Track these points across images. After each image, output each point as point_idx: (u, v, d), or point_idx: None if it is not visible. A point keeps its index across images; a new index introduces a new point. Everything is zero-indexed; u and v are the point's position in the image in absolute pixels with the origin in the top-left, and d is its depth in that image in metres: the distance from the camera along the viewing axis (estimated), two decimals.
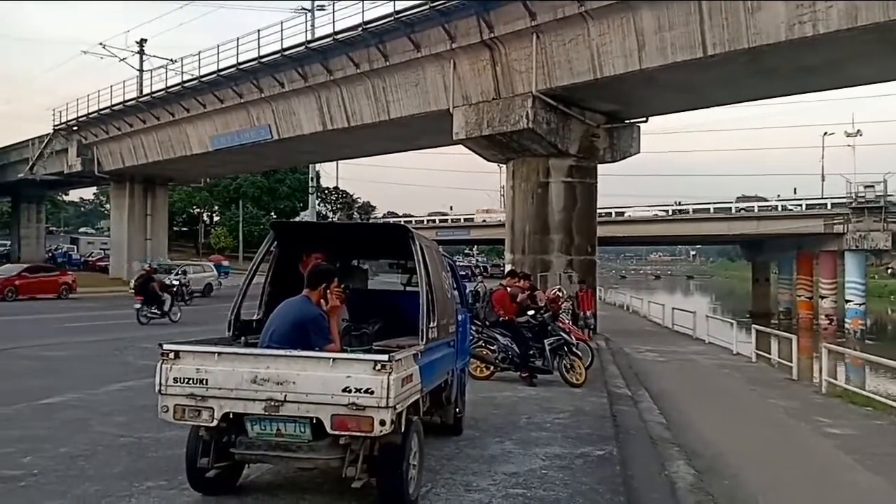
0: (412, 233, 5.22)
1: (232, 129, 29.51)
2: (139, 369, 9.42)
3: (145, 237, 39.41)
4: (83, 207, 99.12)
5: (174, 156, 33.30)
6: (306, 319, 4.47)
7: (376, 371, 3.96)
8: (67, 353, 11.77)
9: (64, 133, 38.67)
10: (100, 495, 4.57)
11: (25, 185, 47.95)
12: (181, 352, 4.20)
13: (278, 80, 25.84)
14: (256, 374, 4.07)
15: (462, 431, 6.66)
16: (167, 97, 31.26)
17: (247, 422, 4.18)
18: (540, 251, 19.55)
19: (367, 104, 23.32)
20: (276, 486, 4.90)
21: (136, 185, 38.93)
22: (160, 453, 5.57)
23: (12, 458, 5.34)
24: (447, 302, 5.69)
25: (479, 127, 19.47)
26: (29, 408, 7.28)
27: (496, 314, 10.40)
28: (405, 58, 21.09)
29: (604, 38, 16.69)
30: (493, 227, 59.22)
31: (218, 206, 77.76)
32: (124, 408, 7.33)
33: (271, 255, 5.69)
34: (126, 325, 16.91)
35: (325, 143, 28.70)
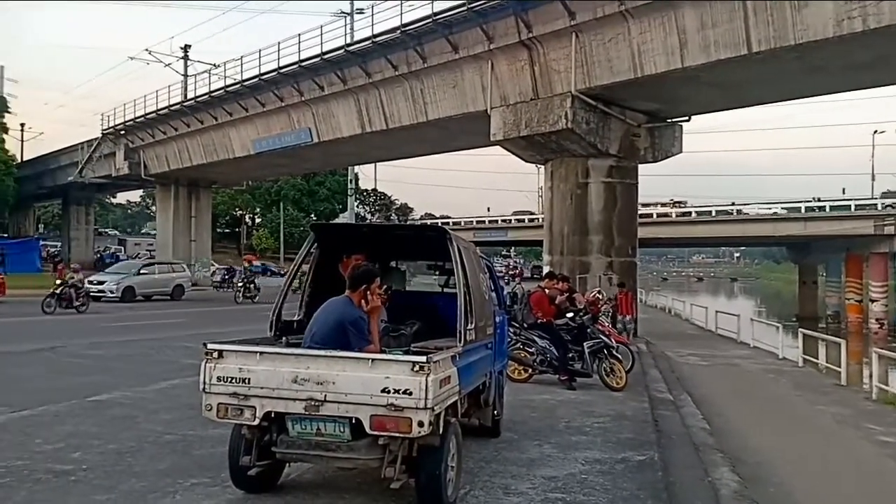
0: (450, 234, 5.22)
1: (273, 133, 29.98)
2: (183, 368, 9.63)
3: (190, 238, 40.29)
4: (130, 210, 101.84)
5: (217, 159, 33.99)
6: (347, 320, 4.51)
7: (414, 372, 3.97)
8: (114, 352, 12.11)
9: (112, 137, 39.80)
10: (145, 491, 4.68)
11: (75, 188, 49.55)
12: (224, 351, 4.28)
13: (318, 84, 26.16)
14: (297, 374, 4.12)
15: (500, 434, 6.63)
16: (211, 101, 31.93)
17: (288, 421, 4.24)
18: (579, 253, 19.37)
19: (405, 106, 23.43)
20: (316, 486, 4.95)
21: (180, 188, 39.84)
22: (204, 451, 5.68)
23: (63, 454, 5.51)
24: (485, 304, 5.68)
25: (516, 128, 19.38)
26: (79, 405, 7.50)
27: (534, 316, 10.33)
28: (443, 59, 21.12)
29: (644, 36, 16.45)
30: (530, 229, 58.89)
31: (259, 208, 79.13)
32: (170, 405, 7.50)
33: (312, 257, 5.75)
34: (170, 325, 17.33)
35: (363, 146, 28.93)
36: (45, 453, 5.51)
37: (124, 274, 27.27)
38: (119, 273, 27.61)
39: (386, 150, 31.42)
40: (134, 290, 26.25)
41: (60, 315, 19.03)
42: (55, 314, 19.15)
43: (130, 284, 26.27)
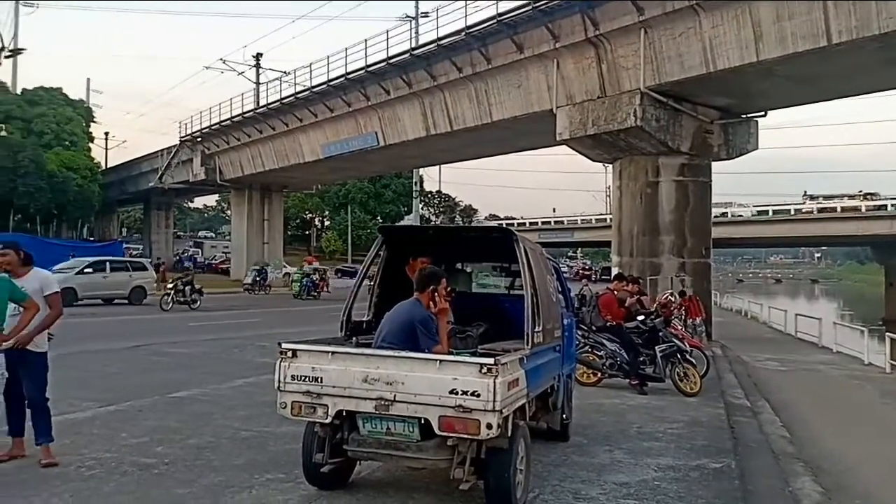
0: (516, 235, 5.19)
1: (341, 137, 30.62)
2: (258, 366, 9.94)
3: (263, 241, 41.61)
4: (206, 213, 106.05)
5: (288, 164, 34.99)
6: (416, 319, 4.56)
7: (482, 374, 3.97)
8: (194, 350, 12.62)
9: (189, 144, 41.56)
10: (223, 485, 4.86)
11: (155, 194, 52.00)
12: (298, 351, 4.40)
13: (384, 88, 26.54)
14: (367, 374, 4.19)
15: (569, 438, 6.54)
16: (281, 108, 32.89)
17: (359, 419, 4.31)
18: (649, 254, 18.92)
19: (469, 108, 23.48)
20: (385, 484, 5.02)
21: (254, 192, 41.20)
22: (278, 447, 5.84)
23: (147, 447, 5.79)
24: (552, 306, 5.62)
25: (583, 126, 19.12)
26: (161, 400, 7.86)
27: (603, 319, 10.15)
28: (508, 60, 21.05)
29: (717, 30, 15.93)
30: (598, 229, 57.93)
31: (328, 211, 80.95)
32: (245, 403, 7.76)
33: (380, 258, 5.84)
34: (245, 325, 17.92)
35: (428, 148, 29.18)
36: (130, 447, 5.79)
37: (66, 273, 21.67)
38: (62, 272, 21.21)
39: (450, 151, 31.59)
40: (76, 293, 21.48)
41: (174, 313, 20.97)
42: (172, 311, 21.56)
43: (71, 286, 20.68)
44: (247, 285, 34.96)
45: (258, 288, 34.43)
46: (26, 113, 46.71)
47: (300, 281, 31.92)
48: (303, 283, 31.76)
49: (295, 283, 32.49)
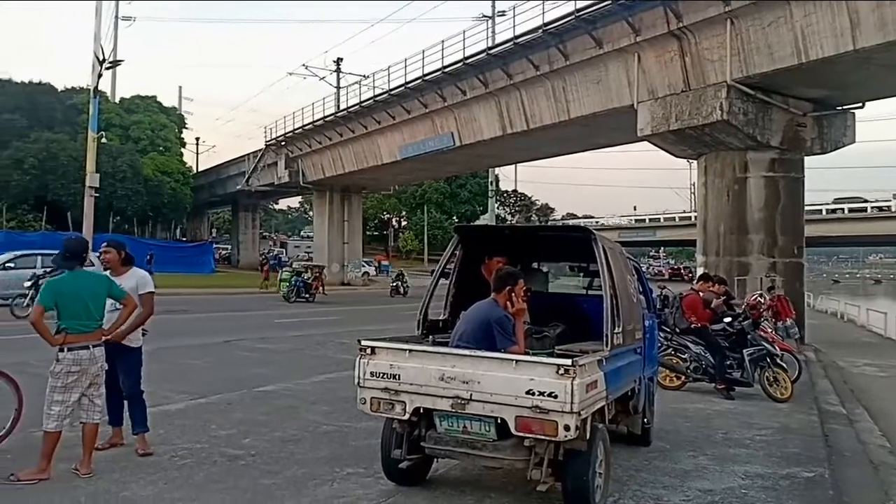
0: (594, 234, 5.10)
1: (418, 139, 30.96)
2: (339, 363, 10.21)
3: (343, 241, 42.65)
4: (290, 215, 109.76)
5: (367, 165, 35.69)
6: (492, 318, 4.55)
7: (560, 375, 3.92)
8: (277, 346, 13.08)
9: (274, 148, 43.10)
10: (306, 478, 5.01)
11: (242, 196, 54.18)
12: (377, 348, 4.48)
13: (460, 88, 26.65)
14: (444, 372, 4.22)
15: (651, 443, 6.37)
16: (360, 111, 33.59)
17: (436, 417, 4.35)
18: (737, 253, 18.17)
19: (546, 105, 23.25)
20: (462, 483, 5.04)
21: (334, 194, 42.30)
22: (359, 442, 5.98)
23: (235, 439, 6.04)
24: (633, 306, 5.49)
25: (666, 121, 18.56)
26: (248, 394, 8.18)
27: (687, 321, 9.81)
28: (586, 56, 20.71)
29: (809, 18, 15.09)
30: (682, 228, 56.19)
31: (405, 212, 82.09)
32: (327, 398, 7.97)
33: (456, 258, 5.86)
34: (327, 322, 18.41)
35: (504, 147, 29.09)
36: (219, 438, 6.06)
37: None
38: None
39: (526, 150, 31.38)
40: None
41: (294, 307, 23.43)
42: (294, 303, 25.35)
43: None
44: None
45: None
46: (124, 120, 49.68)
47: (289, 280, 27.09)
48: (292, 282, 26.90)
49: (283, 282, 27.62)
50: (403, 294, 33.70)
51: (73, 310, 4.80)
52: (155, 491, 4.62)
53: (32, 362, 4.90)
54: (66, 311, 4.79)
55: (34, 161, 40.11)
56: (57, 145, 41.11)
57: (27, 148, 40.58)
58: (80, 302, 4.83)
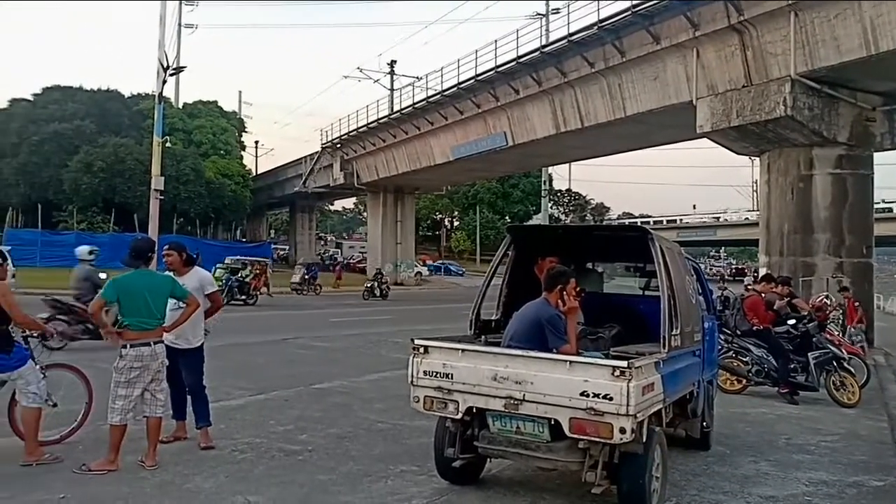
0: (651, 234, 5.00)
1: (470, 139, 30.99)
2: (392, 361, 10.32)
3: (396, 241, 43.07)
4: (345, 216, 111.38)
5: (420, 166, 35.93)
6: (543, 317, 4.52)
7: (615, 377, 3.87)
8: (335, 345, 13.30)
9: (329, 150, 43.86)
10: (361, 474, 5.08)
11: (300, 198, 55.31)
12: (430, 347, 4.51)
13: (513, 88, 26.55)
14: (496, 372, 4.22)
15: (710, 447, 6.21)
16: (414, 112, 33.86)
17: (488, 417, 4.35)
18: (801, 253, 17.51)
19: (601, 103, 22.93)
20: (516, 483, 5.02)
21: (388, 195, 42.75)
22: (412, 440, 6.03)
23: (292, 435, 6.18)
24: (691, 308, 5.36)
25: (726, 118, 18.04)
26: (305, 391, 8.36)
27: (749, 323, 9.52)
28: (643, 52, 20.33)
29: (879, 8, 14.41)
30: (743, 227, 54.52)
31: (457, 212, 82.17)
32: (381, 396, 8.07)
33: (508, 258, 5.85)
34: (381, 321, 18.61)
35: (557, 146, 28.83)
36: (277, 433, 6.21)
37: None
38: None
39: (581, 149, 31.02)
40: None
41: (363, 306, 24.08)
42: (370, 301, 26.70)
43: None
44: (295, 284, 30.46)
45: (307, 288, 30.10)
46: (187, 125, 51.32)
47: (222, 279, 22.08)
48: (224, 281, 21.94)
49: (218, 280, 23.56)
50: (383, 296, 29.53)
51: (135, 307, 5.00)
52: (216, 483, 4.77)
53: (100, 358, 5.12)
54: (128, 308, 5.00)
55: (102, 165, 41.86)
56: (124, 150, 42.81)
57: (96, 152, 42.39)
58: (142, 299, 5.02)
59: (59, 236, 39.59)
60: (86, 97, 49.47)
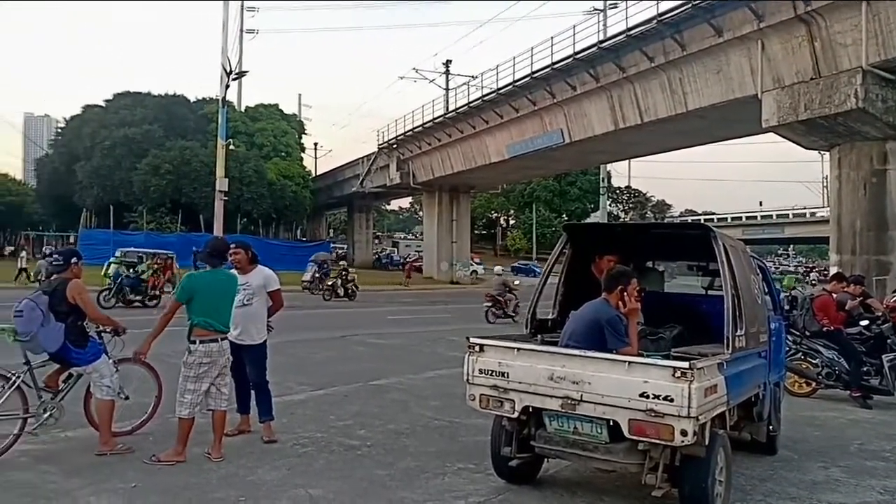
0: (714, 232, 4.86)
1: (526, 137, 30.81)
2: (448, 359, 10.36)
3: (451, 240, 43.24)
4: (401, 215, 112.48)
5: (475, 165, 35.96)
6: (603, 318, 4.45)
7: (676, 378, 3.78)
8: (390, 342, 13.46)
9: (386, 151, 44.37)
10: (419, 470, 5.13)
11: (357, 198, 56.17)
12: (485, 346, 4.52)
13: (570, 84, 26.26)
14: (553, 372, 4.18)
15: (777, 451, 6.00)
16: (469, 111, 33.90)
17: (545, 417, 4.32)
18: (875, 251, 16.75)
19: (661, 98, 22.45)
20: (574, 484, 4.97)
21: (443, 194, 42.96)
22: (468, 438, 6.04)
23: (352, 430, 6.28)
24: (757, 308, 5.19)
25: (793, 111, 17.41)
26: (364, 387, 8.49)
27: (818, 323, 9.14)
28: (704, 45, 19.82)
29: None
30: (813, 224, 52.44)
31: (513, 210, 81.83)
32: (437, 393, 8.12)
33: (564, 257, 5.79)
34: (436, 320, 18.72)
35: (616, 143, 28.38)
36: (337, 428, 6.33)
37: None
38: None
39: (640, 145, 30.43)
40: None
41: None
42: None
43: None
44: (306, 283, 27.53)
45: (319, 286, 26.58)
46: (249, 128, 52.80)
47: (111, 276, 18.88)
48: (114, 278, 18.63)
49: (107, 277, 19.18)
50: (349, 296, 25.57)
51: (206, 307, 5.17)
52: (279, 476, 4.90)
53: (169, 353, 5.33)
54: (198, 308, 5.17)
55: (169, 167, 43.53)
56: (189, 152, 44.39)
57: (163, 155, 44.11)
58: (212, 299, 5.20)
59: (130, 236, 41.37)
60: (154, 102, 51.48)
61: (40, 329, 5.09)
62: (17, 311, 5.17)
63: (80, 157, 47.74)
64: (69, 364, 5.36)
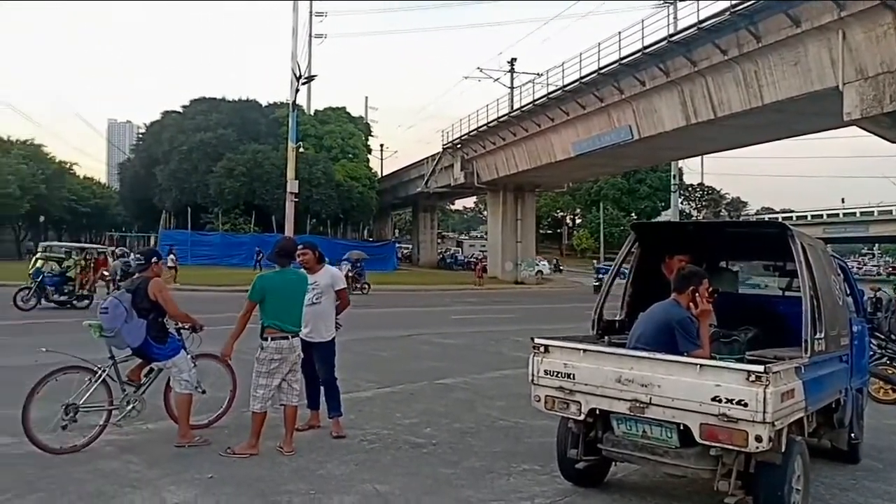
0: (791, 230, 4.67)
1: (593, 134, 30.32)
2: (513, 360, 10.32)
3: (516, 240, 42.98)
4: (465, 214, 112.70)
5: (540, 164, 35.63)
6: (674, 320, 4.34)
7: (750, 382, 3.66)
8: (455, 342, 13.50)
9: (450, 151, 44.53)
10: (484, 470, 5.14)
11: (422, 198, 56.61)
12: (550, 346, 4.48)
13: (639, 79, 25.70)
14: (621, 374, 4.11)
15: (859, 460, 5.71)
16: (534, 109, 33.63)
17: (613, 420, 4.26)
18: None
19: (735, 92, 21.69)
20: (642, 488, 4.88)
21: (507, 193, 42.75)
22: (534, 439, 6.01)
23: (418, 428, 6.35)
24: (837, 310, 4.96)
25: (878, 103, 16.50)
26: (429, 386, 8.56)
27: None
28: (780, 36, 19.02)
29: None
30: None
31: (579, 209, 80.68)
32: (502, 393, 8.11)
33: (632, 256, 5.68)
34: (502, 320, 18.67)
35: (687, 139, 27.58)
36: (403, 426, 6.41)
37: None
38: None
39: (712, 140, 29.47)
40: None
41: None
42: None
43: None
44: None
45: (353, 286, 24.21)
46: (318, 131, 53.97)
47: (31, 273, 16.86)
48: (34, 275, 16.68)
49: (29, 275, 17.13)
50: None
51: (276, 308, 5.32)
52: (347, 471, 5.00)
53: (241, 349, 5.53)
54: (270, 308, 5.33)
55: (243, 170, 45.04)
56: (262, 155, 45.81)
57: (237, 158, 45.67)
58: (283, 299, 5.35)
59: (206, 236, 43.11)
60: (228, 107, 53.35)
61: (124, 325, 5.36)
62: (103, 308, 5.47)
63: (159, 161, 49.97)
64: (150, 359, 5.63)
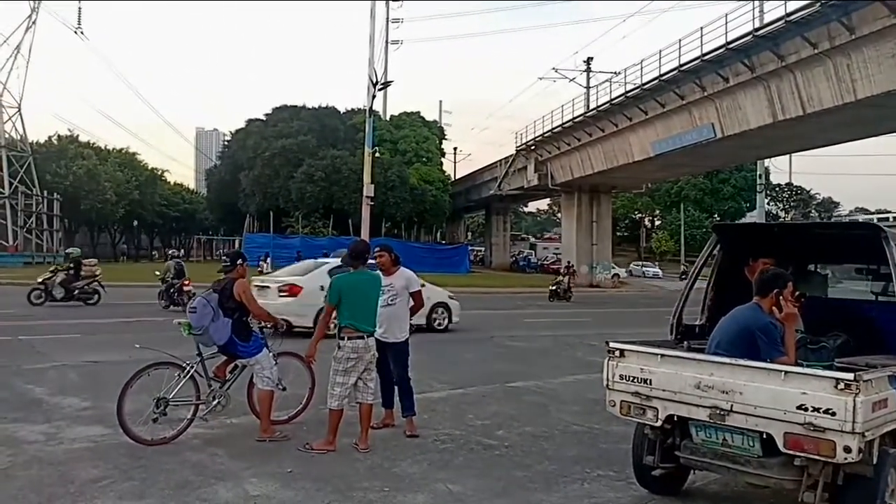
0: (884, 232, 4.43)
1: (673, 133, 29.49)
2: (588, 364, 10.18)
3: (591, 242, 42.26)
4: (539, 217, 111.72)
5: (617, 164, 34.93)
6: (756, 326, 4.17)
7: (839, 390, 3.49)
8: (528, 345, 13.43)
9: (524, 153, 44.30)
10: (557, 474, 5.10)
11: (495, 200, 56.63)
12: (626, 351, 4.40)
13: (722, 76, 24.83)
14: (700, 381, 4.00)
15: None
16: (611, 109, 33.01)
17: (691, 427, 4.14)
18: None
19: (825, 87, 20.62)
20: (722, 498, 4.73)
21: (582, 195, 42.11)
22: (609, 445, 5.92)
23: (490, 430, 6.37)
24: None
25: None
26: (501, 388, 8.56)
27: None
28: (876, 27, 17.96)
29: None
30: None
31: (659, 210, 78.53)
32: (576, 398, 8.01)
33: (714, 259, 5.51)
34: (577, 324, 18.41)
35: (774, 136, 26.40)
36: (475, 427, 6.44)
37: None
38: None
39: (801, 138, 28.12)
40: None
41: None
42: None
43: None
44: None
45: None
46: (393, 136, 54.91)
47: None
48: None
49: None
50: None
51: (353, 307, 5.47)
52: (420, 469, 5.08)
53: (320, 348, 5.70)
54: (347, 308, 5.48)
55: (322, 175, 46.39)
56: (340, 160, 47.03)
57: (316, 164, 47.07)
58: (358, 301, 5.49)
59: (287, 239, 44.55)
60: (308, 114, 55.04)
61: (211, 324, 5.64)
62: (192, 307, 5.78)
63: (243, 167, 52.11)
64: (235, 356, 5.90)
